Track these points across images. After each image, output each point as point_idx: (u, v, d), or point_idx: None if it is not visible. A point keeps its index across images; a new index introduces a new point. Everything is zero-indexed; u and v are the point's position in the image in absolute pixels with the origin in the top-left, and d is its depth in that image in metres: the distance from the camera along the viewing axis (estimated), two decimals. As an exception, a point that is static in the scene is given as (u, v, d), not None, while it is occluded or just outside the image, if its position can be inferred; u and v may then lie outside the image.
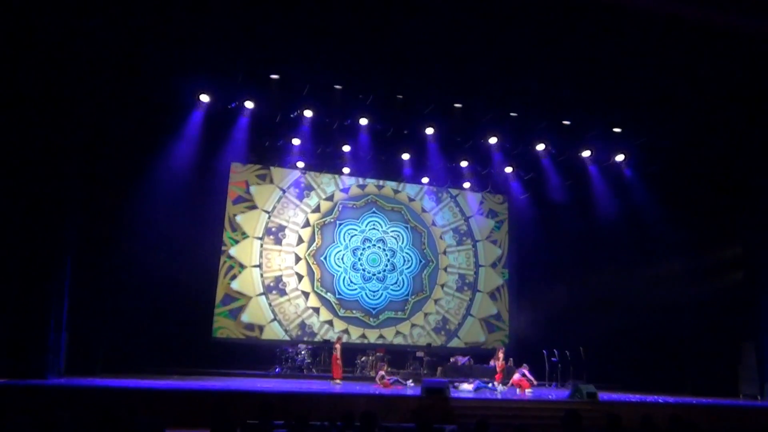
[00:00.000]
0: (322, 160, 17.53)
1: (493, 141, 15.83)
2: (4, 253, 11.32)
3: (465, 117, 14.66)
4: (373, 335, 18.29)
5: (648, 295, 16.46)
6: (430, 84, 13.47)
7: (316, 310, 17.96)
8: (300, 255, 18.18)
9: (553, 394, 13.70)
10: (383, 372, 14.12)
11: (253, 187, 18.15)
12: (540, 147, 15.99)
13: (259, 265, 17.70)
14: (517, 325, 19.37)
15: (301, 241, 18.29)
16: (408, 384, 14.43)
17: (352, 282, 18.48)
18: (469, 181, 19.05)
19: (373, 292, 18.62)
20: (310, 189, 18.73)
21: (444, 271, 19.49)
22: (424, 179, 19.02)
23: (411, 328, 18.71)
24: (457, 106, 14.44)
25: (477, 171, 18.33)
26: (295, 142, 16.20)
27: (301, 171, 18.41)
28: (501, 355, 15.94)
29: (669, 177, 16.07)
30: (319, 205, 18.70)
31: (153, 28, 11.38)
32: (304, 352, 16.19)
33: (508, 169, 18.03)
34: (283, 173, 18.42)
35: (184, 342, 15.67)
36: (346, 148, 16.58)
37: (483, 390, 13.99)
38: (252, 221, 17.91)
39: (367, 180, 19.21)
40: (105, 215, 13.96)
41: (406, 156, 17.15)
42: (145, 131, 14.61)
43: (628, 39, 11.23)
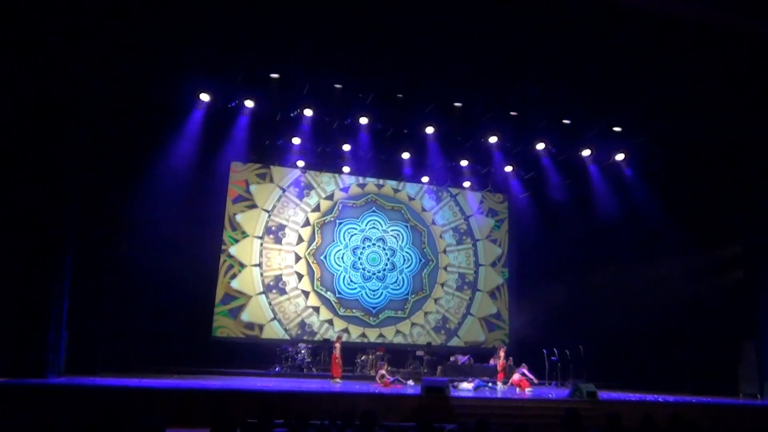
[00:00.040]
0: (322, 159, 17.55)
1: (493, 140, 15.82)
2: (5, 253, 11.34)
3: (465, 116, 14.66)
4: (373, 334, 18.30)
5: (648, 294, 16.48)
6: (430, 83, 13.45)
7: (316, 309, 17.97)
8: (300, 254, 18.19)
9: (553, 393, 13.70)
10: (383, 371, 14.13)
11: (253, 186, 18.15)
12: (540, 146, 16.00)
13: (259, 264, 17.71)
14: (517, 324, 19.37)
15: (301, 240, 18.29)
16: (408, 383, 14.44)
17: (352, 281, 18.48)
18: (469, 180, 19.07)
19: (373, 291, 18.62)
20: (310, 188, 18.73)
21: (444, 270, 19.49)
22: (424, 178, 19.02)
23: (411, 327, 18.72)
24: (457, 105, 14.43)
25: (477, 170, 18.34)
26: (295, 141, 16.22)
27: (301, 170, 18.40)
28: (502, 354, 15.93)
29: (669, 177, 16.06)
30: (319, 204, 18.70)
31: (153, 28, 11.36)
32: (304, 351, 16.21)
33: (508, 168, 18.04)
34: (283, 172, 18.42)
35: (184, 341, 15.68)
36: (346, 147, 16.59)
37: (483, 389, 14.00)
38: (252, 220, 17.91)
39: (367, 179, 19.20)
40: (105, 215, 13.94)
41: (406, 155, 17.15)
42: (145, 130, 14.63)
43: (628, 39, 11.21)
